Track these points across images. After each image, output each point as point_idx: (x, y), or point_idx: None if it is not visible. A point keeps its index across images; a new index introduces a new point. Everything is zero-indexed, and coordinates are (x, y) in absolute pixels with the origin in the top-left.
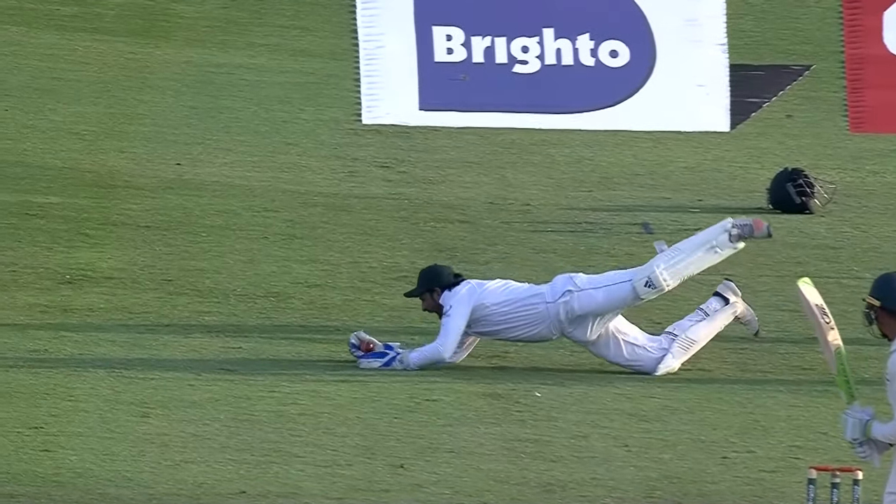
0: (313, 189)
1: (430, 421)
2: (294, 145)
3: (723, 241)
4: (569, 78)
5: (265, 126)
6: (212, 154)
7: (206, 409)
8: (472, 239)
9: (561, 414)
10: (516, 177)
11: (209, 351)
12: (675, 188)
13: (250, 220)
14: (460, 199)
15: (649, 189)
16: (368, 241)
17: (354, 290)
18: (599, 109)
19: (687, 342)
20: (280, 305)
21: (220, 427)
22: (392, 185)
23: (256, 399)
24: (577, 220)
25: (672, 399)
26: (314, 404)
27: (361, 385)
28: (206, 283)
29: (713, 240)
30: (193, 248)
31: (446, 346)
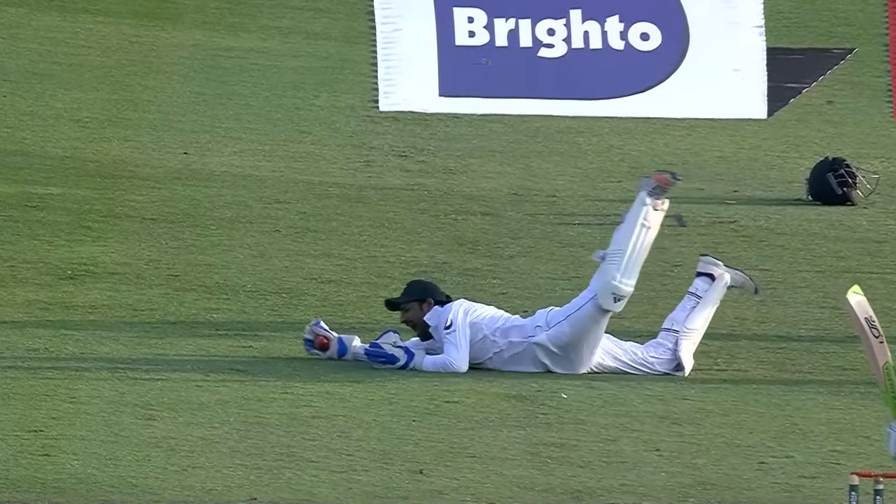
0: (328, 180)
1: (450, 424)
2: (308, 133)
3: (648, 214)
4: (597, 62)
5: (277, 113)
6: (221, 143)
7: (215, 412)
8: (495, 232)
9: (589, 416)
10: (542, 166)
11: (218, 350)
12: (709, 178)
13: (261, 212)
14: (482, 190)
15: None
16: (386, 234)
17: (371, 286)
18: (629, 95)
19: (688, 333)
20: (293, 302)
21: (229, 430)
22: (410, 175)
23: (268, 401)
24: (606, 212)
25: (706, 401)
26: (328, 406)
27: (378, 386)
28: (214, 279)
29: (639, 218)
30: (201, 242)
31: (461, 360)
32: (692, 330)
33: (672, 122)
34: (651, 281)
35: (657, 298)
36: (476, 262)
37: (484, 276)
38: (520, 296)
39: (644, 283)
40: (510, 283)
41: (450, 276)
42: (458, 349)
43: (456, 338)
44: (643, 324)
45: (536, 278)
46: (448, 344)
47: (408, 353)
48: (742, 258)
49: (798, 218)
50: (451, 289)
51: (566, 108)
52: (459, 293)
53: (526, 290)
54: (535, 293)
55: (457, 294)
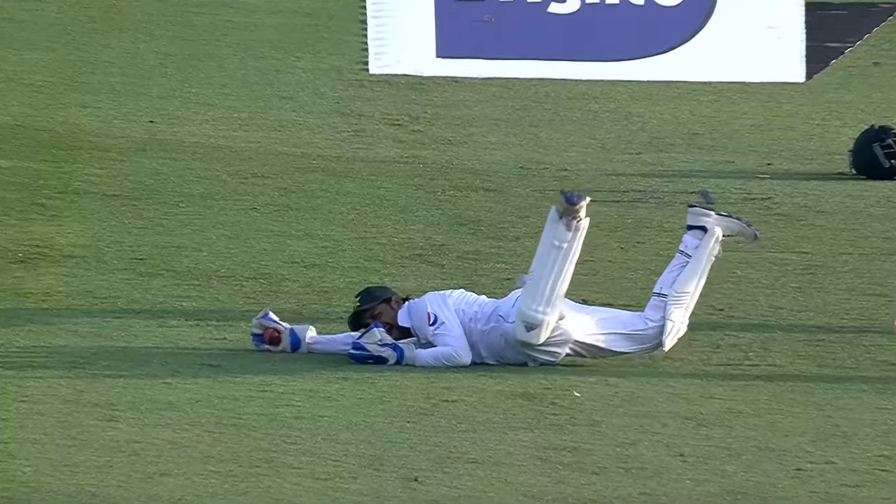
0: (311, 151)
1: (449, 426)
2: (288, 100)
3: (561, 233)
4: (614, 19)
5: (254, 77)
6: (191, 110)
7: (185, 412)
8: (500, 210)
9: (604, 417)
10: (551, 137)
11: (188, 343)
12: (739, 150)
13: (237, 188)
14: (485, 163)
15: (709, 151)
16: (376, 212)
17: (360, 270)
18: (650, 56)
19: (680, 297)
20: (272, 289)
21: (200, 433)
22: (404, 146)
23: (244, 400)
24: (624, 187)
25: (736, 400)
26: (312, 406)
27: (368, 384)
28: (184, 263)
29: (553, 238)
30: (169, 222)
31: (464, 350)
32: (683, 293)
33: (698, 86)
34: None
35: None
36: (478, 243)
37: (487, 259)
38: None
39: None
40: (516, 267)
41: (448, 259)
42: (457, 339)
43: (448, 328)
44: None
45: None
46: (441, 337)
47: (396, 349)
48: (776, 240)
49: (840, 194)
50: (450, 274)
51: (579, 70)
52: (459, 279)
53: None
54: None
55: (457, 280)
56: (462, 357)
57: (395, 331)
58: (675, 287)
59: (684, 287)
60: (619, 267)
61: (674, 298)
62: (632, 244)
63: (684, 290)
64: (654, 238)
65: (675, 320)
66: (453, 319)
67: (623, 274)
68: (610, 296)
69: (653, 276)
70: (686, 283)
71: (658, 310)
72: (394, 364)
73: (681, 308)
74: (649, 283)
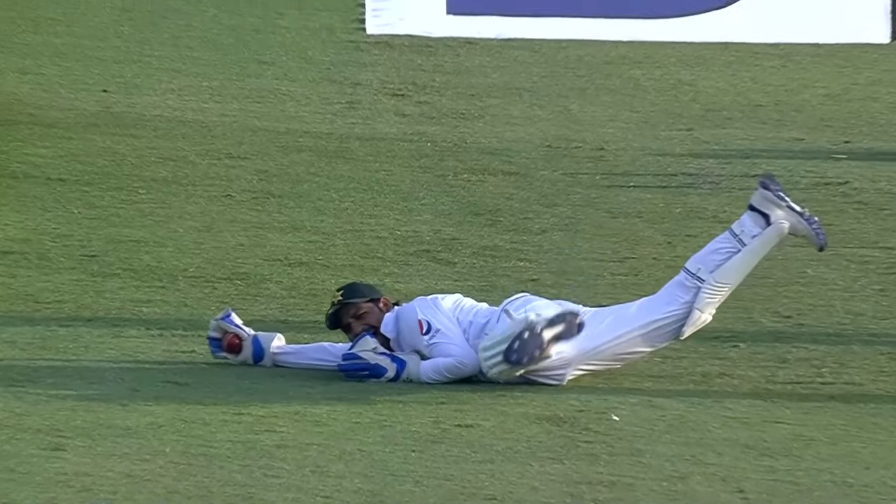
0: (297, 127)
1: (462, 455)
2: (270, 65)
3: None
4: None
5: (229, 38)
6: (153, 77)
7: (146, 440)
8: (523, 198)
9: (648, 445)
10: (585, 110)
11: (150, 356)
12: (811, 125)
13: (208, 170)
14: (505, 141)
15: (774, 126)
16: (375, 200)
17: (355, 269)
18: (703, 13)
19: (719, 289)
20: (251, 292)
21: (165, 465)
22: (409, 121)
23: (217, 425)
24: (672, 170)
25: (807, 425)
26: (298, 432)
27: (366, 404)
28: (144, 261)
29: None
30: (127, 212)
31: (465, 357)
32: (723, 285)
33: (761, 48)
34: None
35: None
36: (497, 237)
37: (507, 256)
38: (555, 283)
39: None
40: (543, 265)
41: (461, 256)
42: (458, 346)
43: (445, 335)
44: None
45: (578, 260)
46: (439, 346)
47: (396, 360)
48: (855, 233)
49: None
50: (463, 274)
51: (618, 30)
52: (475, 279)
53: (564, 275)
54: (575, 279)
55: (472, 282)
56: (467, 366)
57: (379, 338)
58: (717, 276)
59: (727, 279)
60: (665, 266)
61: (711, 289)
62: (680, 238)
63: (725, 282)
64: (706, 230)
65: (704, 312)
66: (450, 324)
67: (670, 274)
68: None
69: None
70: (731, 275)
71: (687, 292)
72: (392, 378)
73: (714, 301)
74: None
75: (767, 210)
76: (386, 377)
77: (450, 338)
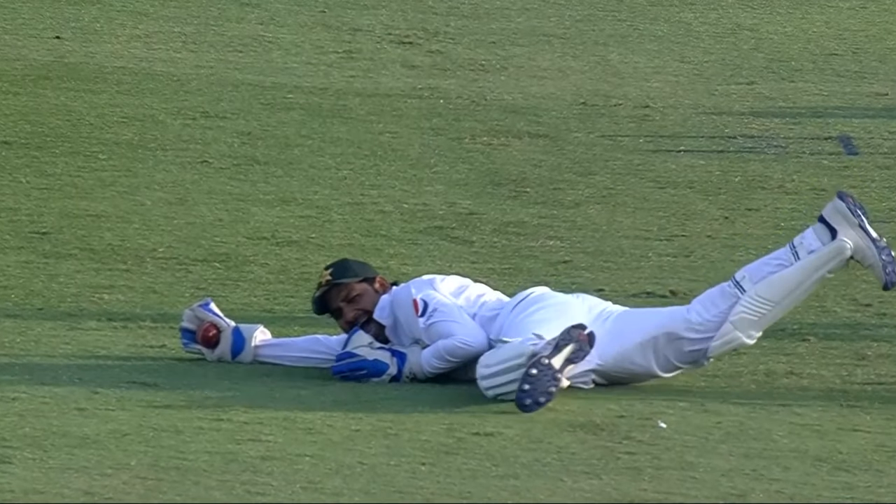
0: (286, 81)
1: (481, 469)
2: (253, 7)
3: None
4: None
5: None
6: (115, 21)
7: (108, 450)
8: (552, 164)
9: (701, 458)
10: (627, 60)
11: (112, 352)
12: (895, 77)
13: (180, 132)
14: (532, 97)
15: (852, 79)
16: (378, 168)
17: (355, 249)
18: None
19: (758, 304)
20: (231, 276)
21: (130, 480)
22: (418, 74)
23: (191, 433)
24: (729, 131)
25: (890, 433)
26: (288, 441)
27: (367, 409)
28: (106, 239)
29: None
30: (85, 180)
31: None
32: (764, 302)
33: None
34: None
35: None
36: (522, 211)
37: (534, 233)
38: (591, 266)
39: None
40: (576, 245)
41: (480, 234)
42: (460, 323)
43: (444, 313)
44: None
45: (617, 238)
46: (438, 326)
47: (396, 354)
48: None
49: None
50: (482, 255)
51: None
52: (496, 261)
53: (601, 256)
54: (614, 261)
55: (492, 263)
56: (471, 346)
57: (373, 326)
58: (759, 289)
59: (770, 294)
60: (721, 245)
61: (750, 302)
62: (739, 212)
63: (767, 299)
64: (771, 203)
65: (738, 330)
66: (449, 300)
67: (727, 255)
68: (709, 286)
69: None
70: (774, 292)
71: (725, 301)
72: (395, 376)
73: (751, 319)
74: None
75: (837, 225)
76: (388, 374)
77: (448, 314)
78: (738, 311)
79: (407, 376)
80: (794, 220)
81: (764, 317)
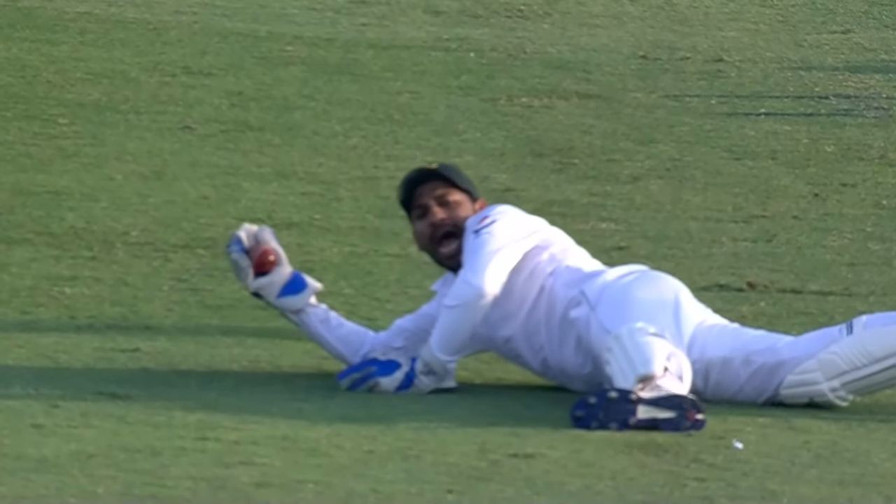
0: (285, 31)
1: (520, 498)
2: None
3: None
4: None
5: None
6: None
7: (70, 474)
8: (606, 132)
9: (786, 485)
10: (695, 3)
11: (76, 356)
12: None
13: (157, 92)
14: (582, 50)
15: None
16: (396, 135)
17: (367, 233)
18: None
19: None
20: (218, 265)
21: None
22: (444, 21)
23: (171, 454)
24: (820, 91)
25: None
26: (287, 465)
27: (381, 425)
28: (67, 221)
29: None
30: (42, 150)
31: (482, 276)
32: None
33: None
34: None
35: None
36: (569, 188)
37: (583, 214)
38: (652, 253)
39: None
40: (634, 227)
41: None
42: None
43: (493, 236)
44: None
45: (684, 219)
46: (470, 251)
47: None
48: None
49: None
50: None
51: None
52: None
53: (664, 241)
54: (681, 248)
55: None
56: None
57: (455, 243)
58: (867, 336)
59: (874, 346)
60: (810, 228)
61: (848, 347)
62: (833, 188)
63: (868, 351)
64: (871, 177)
65: (821, 371)
66: (509, 232)
67: (817, 239)
68: (795, 277)
69: (872, 243)
70: (881, 344)
71: (825, 339)
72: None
73: (839, 366)
74: (864, 258)
75: None
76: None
77: (493, 239)
78: (831, 349)
79: (422, 372)
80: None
81: (856, 370)
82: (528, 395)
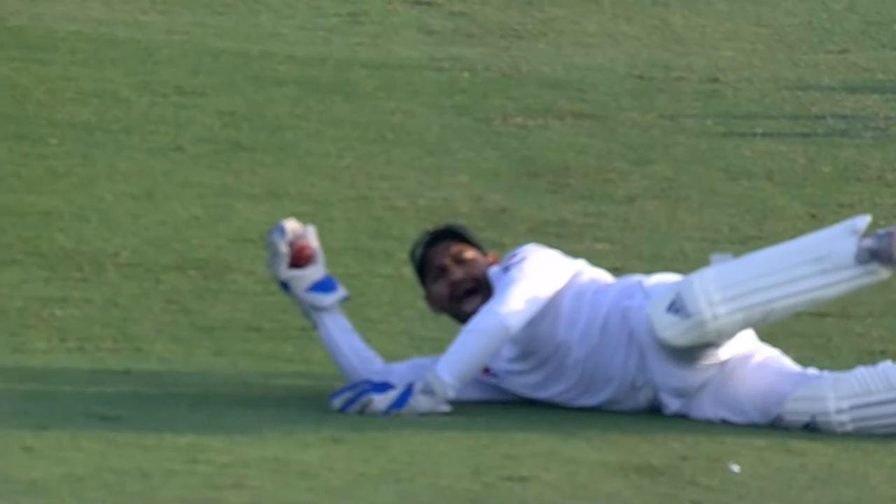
0: (277, 49)
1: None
2: None
3: (849, 262)
4: None
5: None
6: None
7: (60, 498)
8: (601, 151)
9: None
10: (691, 23)
11: (66, 379)
12: None
13: (147, 112)
14: (577, 69)
15: None
16: (389, 155)
17: (360, 254)
18: None
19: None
20: (210, 286)
21: None
22: (437, 41)
23: (161, 477)
24: (817, 110)
25: None
26: (278, 487)
27: (374, 447)
28: (57, 242)
29: (827, 253)
30: (32, 170)
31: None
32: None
33: None
34: None
35: None
36: (564, 208)
37: (580, 234)
38: (648, 272)
39: None
40: (629, 248)
41: (512, 235)
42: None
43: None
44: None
45: (680, 240)
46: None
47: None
48: None
49: None
50: None
51: None
52: None
53: (660, 262)
54: (677, 268)
55: None
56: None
57: (480, 299)
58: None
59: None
60: None
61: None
62: (829, 209)
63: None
64: (867, 198)
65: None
66: (545, 274)
67: None
68: None
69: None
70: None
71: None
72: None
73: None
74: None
75: None
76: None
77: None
78: (851, 373)
79: (420, 391)
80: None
81: (868, 394)
82: (523, 418)
